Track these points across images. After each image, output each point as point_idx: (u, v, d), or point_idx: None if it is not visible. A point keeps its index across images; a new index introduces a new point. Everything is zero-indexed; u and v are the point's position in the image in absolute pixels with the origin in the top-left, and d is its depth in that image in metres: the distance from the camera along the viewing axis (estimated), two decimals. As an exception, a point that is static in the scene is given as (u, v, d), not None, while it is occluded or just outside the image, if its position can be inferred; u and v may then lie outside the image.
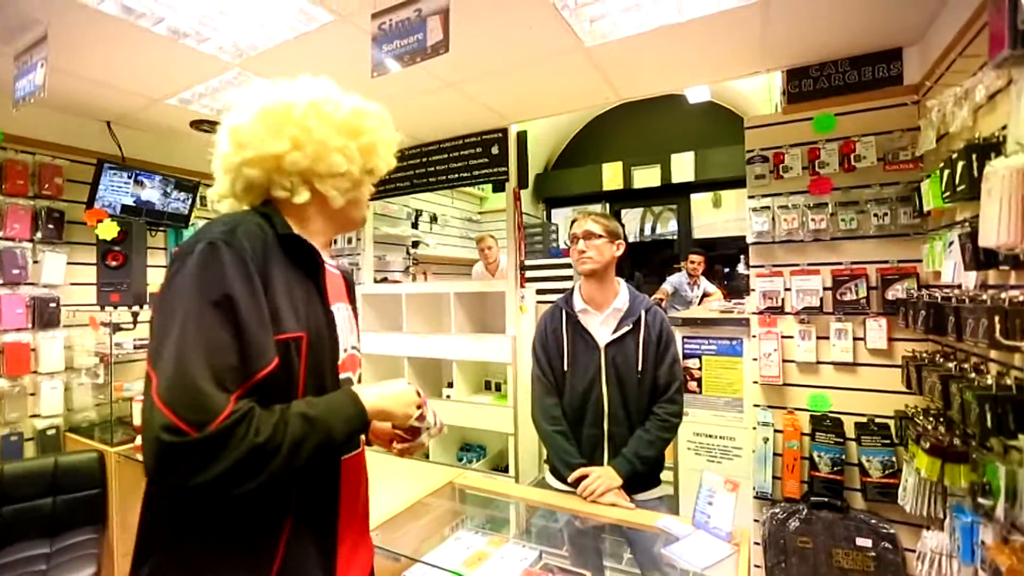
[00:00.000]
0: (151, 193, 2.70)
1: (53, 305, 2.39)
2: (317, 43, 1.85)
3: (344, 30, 1.76)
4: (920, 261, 1.84)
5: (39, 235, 2.37)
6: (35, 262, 2.36)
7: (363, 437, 0.96)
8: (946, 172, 1.38)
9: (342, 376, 0.88)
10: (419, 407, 0.90)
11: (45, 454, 2.25)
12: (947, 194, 1.39)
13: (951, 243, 1.49)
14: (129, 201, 2.61)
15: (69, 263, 2.46)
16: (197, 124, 2.67)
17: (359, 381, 0.99)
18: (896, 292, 1.85)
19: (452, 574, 1.25)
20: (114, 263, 2.39)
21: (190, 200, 2.86)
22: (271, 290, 0.75)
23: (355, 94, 0.92)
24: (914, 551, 1.61)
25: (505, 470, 2.89)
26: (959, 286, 1.43)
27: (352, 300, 1.03)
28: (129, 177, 2.60)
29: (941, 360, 1.53)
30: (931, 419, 1.54)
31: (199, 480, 0.64)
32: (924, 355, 1.66)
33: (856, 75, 1.97)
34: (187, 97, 2.35)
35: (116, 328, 2.41)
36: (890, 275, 1.89)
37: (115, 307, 2.40)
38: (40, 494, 2.02)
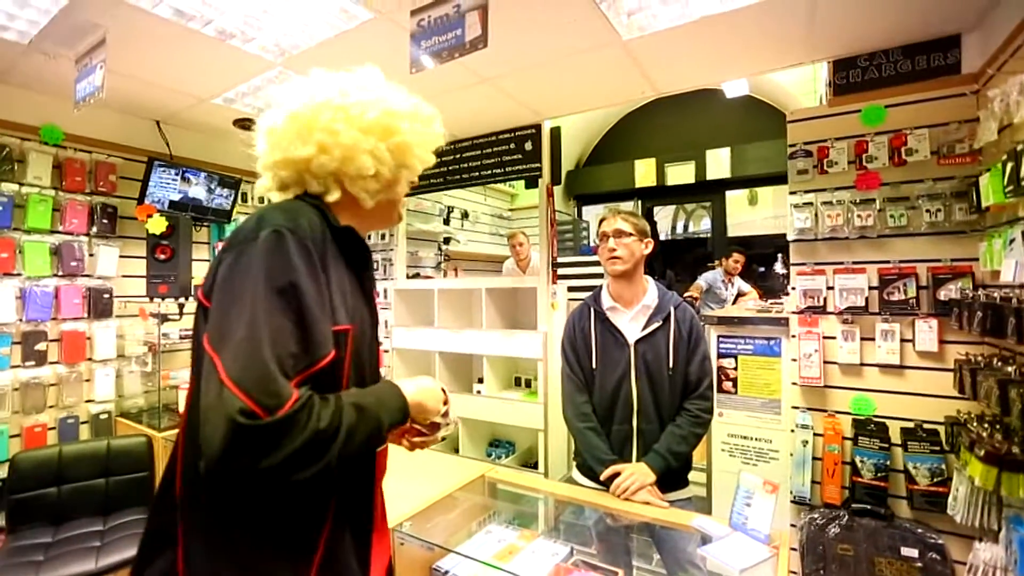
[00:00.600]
0: (197, 189, 2.81)
1: (106, 296, 2.52)
2: (357, 41, 1.89)
3: (383, 27, 1.79)
4: (976, 260, 1.75)
5: (94, 229, 2.50)
6: (91, 255, 2.49)
7: None
8: (1009, 165, 1.31)
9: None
10: (445, 403, 0.93)
11: (98, 437, 2.37)
12: (1009, 188, 1.32)
13: (1012, 240, 1.41)
14: (176, 197, 2.73)
15: (121, 256, 2.59)
16: (240, 122, 2.76)
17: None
18: (949, 292, 1.77)
19: (485, 565, 1.26)
20: (162, 256, 2.50)
21: (233, 196, 2.97)
22: (329, 281, 0.77)
23: (400, 86, 0.91)
24: (964, 563, 1.54)
25: (534, 466, 2.89)
26: (1021, 286, 1.35)
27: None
28: (177, 174, 2.71)
29: (999, 364, 1.45)
30: (987, 426, 1.46)
31: (266, 464, 0.64)
32: (980, 358, 1.58)
33: (909, 64, 1.88)
34: (231, 96, 2.44)
35: (164, 319, 2.52)
36: (942, 274, 1.80)
37: (163, 298, 2.51)
38: (95, 475, 2.13)
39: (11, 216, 2.22)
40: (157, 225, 2.46)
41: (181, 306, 2.62)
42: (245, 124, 2.78)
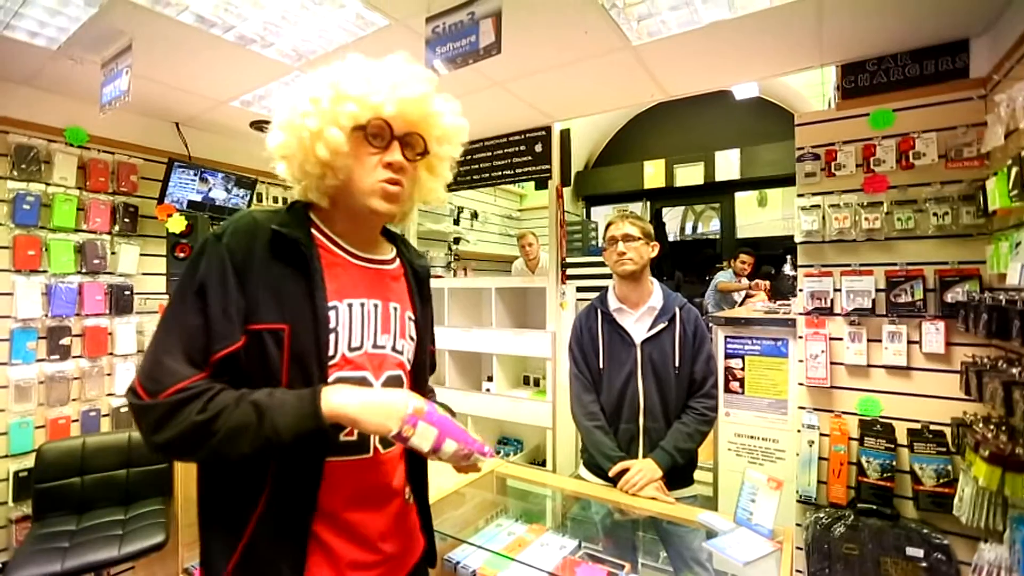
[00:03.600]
0: (215, 190, 2.87)
1: (127, 293, 2.59)
2: (372, 47, 1.93)
3: (398, 34, 1.83)
4: (983, 263, 1.76)
5: (116, 228, 2.57)
6: (112, 253, 2.56)
7: (375, 442, 0.91)
8: (1014, 170, 1.33)
9: (346, 374, 0.86)
10: (404, 422, 0.78)
11: (119, 429, 2.44)
12: (1015, 192, 1.34)
13: (1019, 244, 1.43)
14: (195, 197, 2.79)
15: (141, 254, 2.66)
16: (256, 124, 2.82)
17: (411, 382, 0.98)
18: (956, 295, 1.78)
19: (496, 555, 1.30)
20: (181, 255, 2.57)
21: (249, 196, 3.03)
22: (250, 283, 0.79)
23: (337, 63, 0.86)
24: (970, 564, 1.56)
25: (542, 464, 2.93)
26: (1026, 289, 1.37)
27: (412, 299, 1.00)
28: (195, 175, 2.78)
29: (1005, 366, 1.47)
30: (992, 427, 1.47)
31: (155, 440, 0.74)
32: (986, 360, 1.59)
33: (917, 68, 1.90)
34: (248, 99, 2.50)
35: (182, 315, 2.58)
36: (949, 277, 1.81)
37: (182, 296, 2.57)
38: (116, 466, 2.20)
39: (38, 215, 2.29)
40: (176, 224, 2.53)
41: (199, 303, 2.68)
42: (261, 126, 2.84)
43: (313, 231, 0.88)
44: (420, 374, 1.03)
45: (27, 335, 2.28)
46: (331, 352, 0.84)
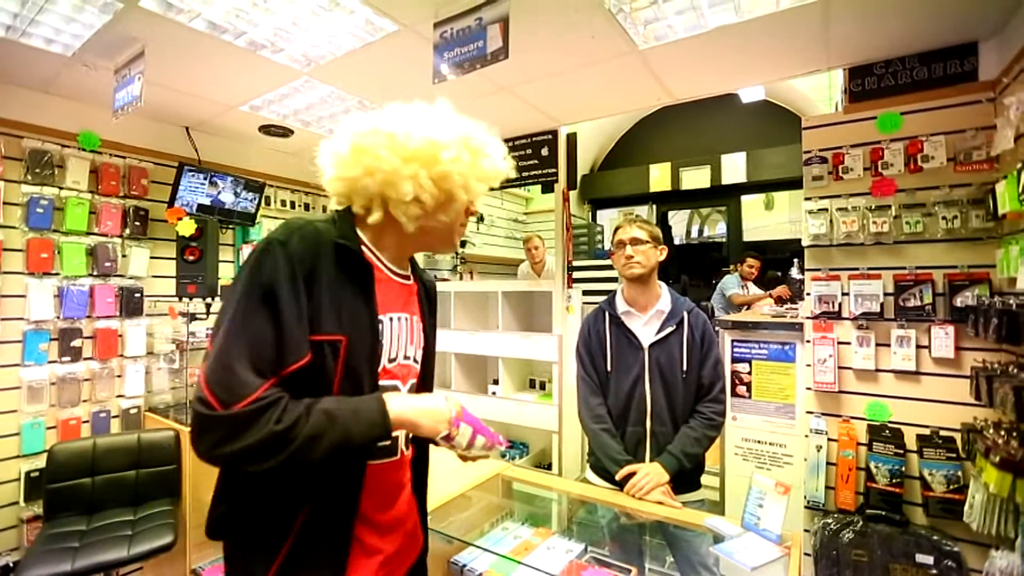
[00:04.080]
0: (224, 193, 2.90)
1: (137, 295, 2.62)
2: (381, 52, 1.96)
3: (407, 39, 1.85)
4: (993, 267, 1.74)
5: (127, 231, 2.61)
6: (123, 256, 2.60)
7: (401, 446, 0.98)
8: (1024, 173, 1.32)
9: (385, 383, 0.92)
10: (451, 424, 0.88)
11: (129, 431, 2.47)
12: (1024, 196, 1.33)
13: (1028, 248, 1.42)
14: (205, 201, 2.82)
15: (151, 257, 2.69)
16: (265, 128, 2.85)
17: (420, 389, 1.04)
18: (965, 299, 1.77)
19: (502, 558, 1.31)
20: (191, 258, 2.59)
21: (257, 200, 3.06)
22: (315, 293, 0.80)
23: (474, 121, 0.95)
24: (980, 571, 1.54)
25: (548, 467, 2.93)
26: (1036, 293, 1.36)
27: (426, 313, 1.06)
28: (205, 178, 2.81)
29: (1015, 371, 1.46)
30: (1003, 433, 1.46)
31: (220, 452, 0.72)
32: (996, 365, 1.58)
33: (925, 72, 1.89)
34: (257, 104, 2.52)
35: (192, 318, 2.61)
36: (959, 281, 1.80)
37: (191, 298, 2.60)
38: (126, 467, 2.22)
39: (51, 218, 2.32)
40: (186, 227, 2.55)
41: (208, 306, 2.71)
42: (271, 130, 2.87)
43: (361, 246, 0.91)
44: (428, 381, 1.10)
45: (39, 337, 2.31)
46: (380, 363, 0.90)
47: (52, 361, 2.35)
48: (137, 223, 2.63)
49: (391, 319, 0.93)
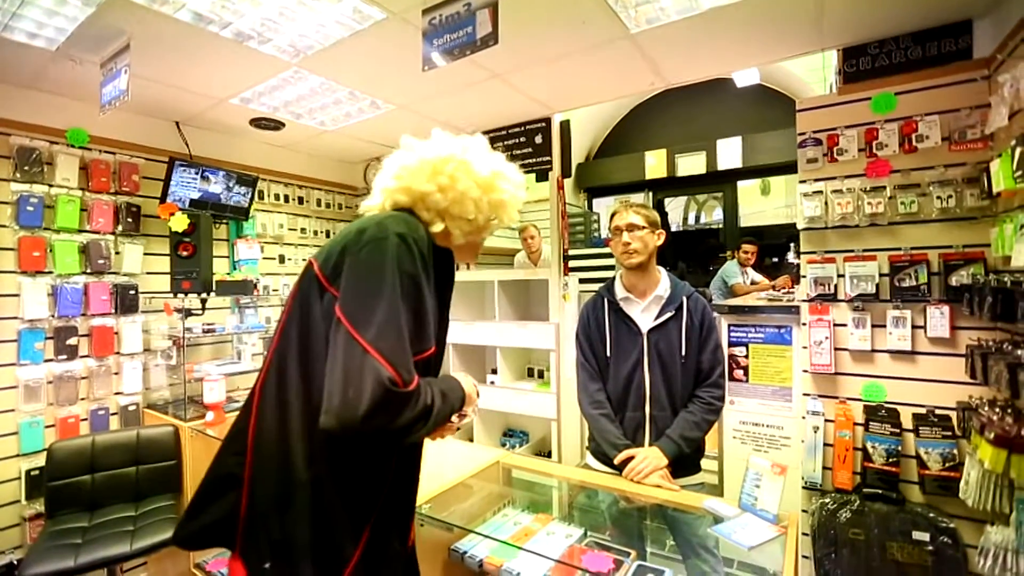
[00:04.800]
0: (216, 188, 2.88)
1: (132, 292, 2.61)
2: (370, 40, 1.93)
3: (396, 27, 1.83)
4: (988, 246, 1.75)
5: (120, 228, 2.59)
6: (117, 253, 2.58)
7: None
8: (1018, 150, 1.32)
9: None
10: (477, 391, 1.07)
11: (128, 427, 2.47)
12: (1019, 173, 1.33)
13: (1023, 226, 1.42)
14: (197, 195, 2.80)
15: (145, 253, 2.67)
16: (256, 121, 2.83)
17: None
18: (960, 278, 1.77)
19: (502, 544, 1.31)
20: (185, 253, 2.58)
21: (250, 194, 3.04)
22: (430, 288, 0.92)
23: (499, 154, 1.10)
24: (976, 547, 1.56)
25: (548, 455, 2.95)
26: (1031, 270, 1.36)
27: None
28: (196, 173, 2.78)
29: (1010, 348, 1.46)
30: (997, 409, 1.47)
31: (395, 425, 0.79)
32: (991, 343, 1.58)
33: (919, 51, 1.88)
34: (248, 96, 2.50)
35: (187, 313, 2.60)
36: (954, 260, 1.80)
37: (186, 294, 2.59)
38: (126, 463, 2.22)
39: (42, 216, 2.31)
40: (179, 223, 2.54)
41: (204, 301, 2.70)
42: (262, 123, 2.85)
43: None
44: None
45: (34, 336, 2.30)
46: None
47: (48, 360, 2.35)
48: (129, 219, 2.61)
49: None
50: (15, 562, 2.19)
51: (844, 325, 1.98)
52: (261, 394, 0.91)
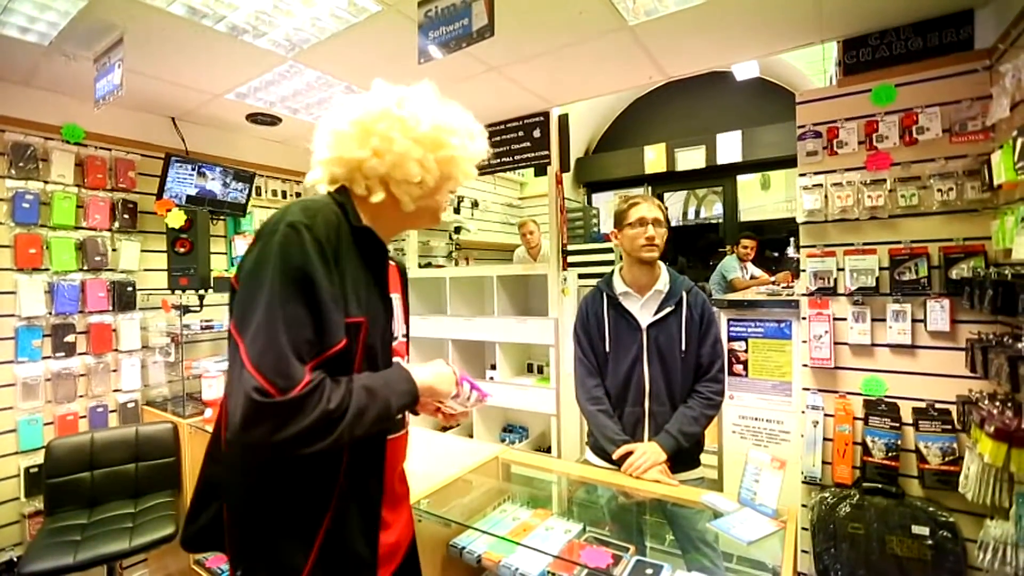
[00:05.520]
0: (213, 184, 2.87)
1: (130, 289, 2.60)
2: (366, 33, 1.91)
3: (391, 19, 1.81)
4: (988, 239, 1.74)
5: (116, 225, 2.58)
6: (114, 250, 2.57)
7: (406, 420, 1.04)
8: (1019, 142, 1.30)
9: (394, 360, 0.96)
10: (458, 384, 0.99)
11: (127, 424, 2.47)
12: (1021, 165, 1.31)
13: (1024, 218, 1.40)
14: (193, 192, 2.79)
15: (142, 250, 2.66)
16: (252, 116, 2.81)
17: None
18: (961, 271, 1.76)
19: (501, 540, 1.31)
20: (182, 250, 2.57)
21: (247, 190, 3.02)
22: (340, 276, 0.81)
23: (452, 102, 0.98)
24: (975, 541, 1.56)
25: (548, 451, 2.94)
26: (1032, 263, 1.35)
27: (404, 292, 1.10)
28: (193, 169, 2.77)
29: (1011, 342, 1.45)
30: (998, 403, 1.47)
31: (278, 438, 0.71)
32: (991, 337, 1.58)
33: (920, 42, 1.86)
34: (243, 91, 2.48)
35: (185, 310, 2.59)
36: (954, 254, 1.79)
37: (184, 291, 2.58)
38: (125, 460, 2.23)
39: (38, 213, 2.29)
40: (176, 219, 2.52)
41: (201, 298, 2.69)
42: (258, 118, 2.83)
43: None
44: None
45: (32, 333, 2.29)
46: (392, 342, 0.95)
47: (46, 357, 2.34)
48: (126, 216, 2.60)
49: (392, 297, 0.97)
50: (15, 559, 2.19)
51: (844, 319, 1.97)
52: (224, 399, 0.88)
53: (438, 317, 3.24)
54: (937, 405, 1.80)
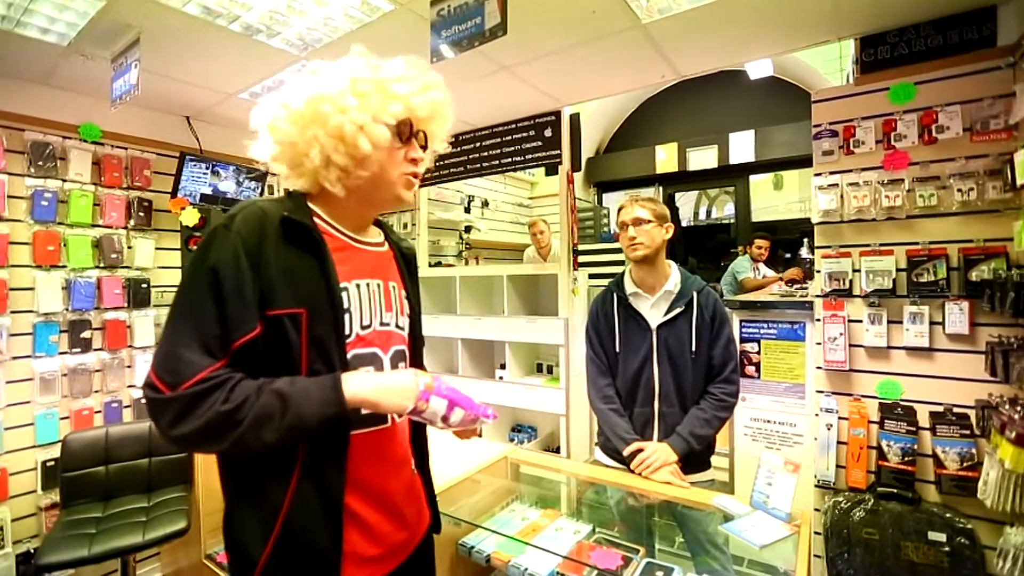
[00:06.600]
0: (226, 183, 2.89)
1: (144, 286, 2.63)
2: (378, 33, 1.92)
3: (404, 18, 1.81)
4: (1010, 240, 1.70)
5: (132, 223, 2.61)
6: (129, 247, 2.60)
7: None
8: (1044, 140, 1.27)
9: (361, 351, 0.90)
10: (418, 399, 0.84)
11: (141, 420, 2.50)
12: (1044, 164, 1.28)
13: (1048, 218, 1.37)
14: (207, 190, 2.82)
15: (156, 248, 2.69)
16: (266, 116, 2.83)
17: (398, 359, 0.99)
18: (981, 273, 1.72)
19: (510, 539, 1.31)
20: (195, 247, 2.59)
21: (260, 189, 3.05)
22: (264, 269, 0.80)
23: (329, 71, 0.88)
24: (994, 548, 1.52)
25: (556, 451, 2.93)
26: (1056, 265, 1.32)
27: (405, 278, 1.05)
28: (207, 168, 2.80)
29: (1032, 345, 1.42)
30: (1019, 408, 1.43)
31: (175, 433, 0.73)
32: (1013, 340, 1.54)
33: (940, 39, 1.82)
34: (257, 91, 2.50)
35: (198, 307, 2.62)
36: (974, 255, 1.75)
37: (197, 288, 2.60)
38: (138, 455, 2.25)
39: (56, 211, 2.33)
40: (190, 217, 2.55)
41: (214, 296, 2.71)
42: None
43: (315, 218, 0.90)
44: (418, 347, 1.07)
45: (49, 329, 2.33)
46: (347, 332, 0.88)
47: (63, 352, 2.38)
48: (141, 214, 2.63)
49: (357, 285, 0.92)
50: (32, 551, 2.23)
51: (859, 321, 1.94)
52: None
53: (448, 316, 3.24)
54: (955, 409, 1.77)
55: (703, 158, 5.17)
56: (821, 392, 2.02)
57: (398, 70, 0.89)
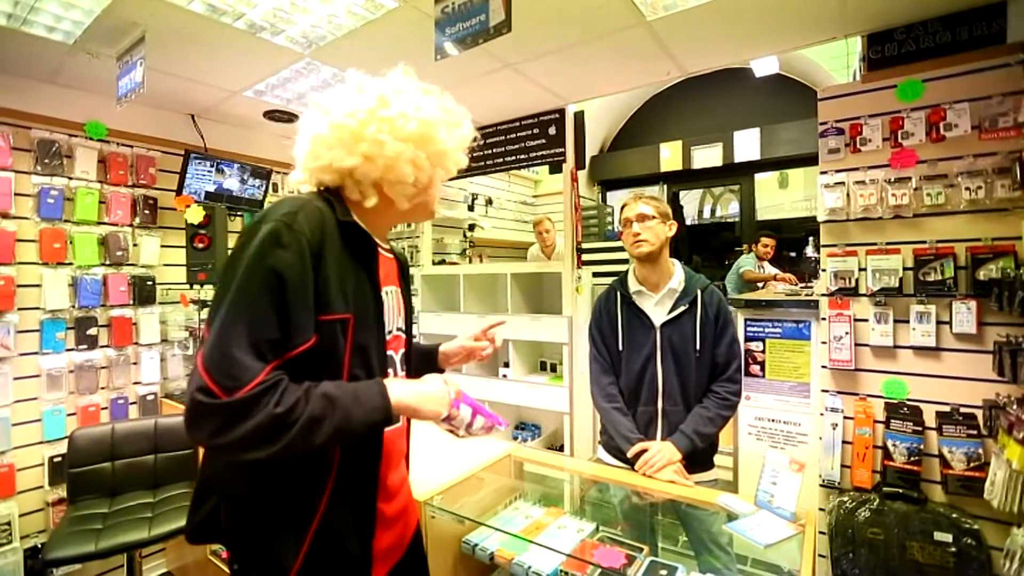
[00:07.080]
0: (231, 180, 2.90)
1: (150, 283, 2.64)
2: (382, 30, 1.92)
3: (408, 16, 1.81)
4: (1019, 238, 1.68)
5: (137, 220, 2.62)
6: (134, 245, 2.62)
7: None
8: (1054, 138, 1.26)
9: (387, 355, 0.94)
10: (451, 406, 0.89)
11: (146, 416, 2.51)
12: (1054, 162, 1.27)
13: (1057, 217, 1.36)
14: (212, 188, 2.83)
15: (162, 246, 2.70)
16: (270, 114, 2.83)
17: (403, 361, 1.04)
18: (989, 272, 1.71)
19: (514, 537, 1.31)
20: (200, 245, 2.61)
21: (264, 186, 3.05)
22: (323, 273, 0.79)
23: (430, 86, 0.95)
24: (1001, 549, 1.51)
25: (560, 449, 2.93)
26: (1065, 264, 1.31)
27: (404, 284, 1.08)
28: (212, 166, 2.80)
29: (1041, 345, 1.41)
30: (1026, 408, 1.42)
31: (219, 441, 0.70)
32: (1021, 340, 1.53)
33: (949, 36, 1.80)
34: (261, 88, 2.50)
35: (203, 305, 2.63)
36: (982, 254, 1.74)
37: (202, 285, 2.62)
38: (145, 451, 2.27)
39: (62, 208, 2.34)
40: (195, 215, 2.56)
41: (219, 293, 2.72)
42: (275, 116, 2.85)
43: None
44: (411, 348, 1.12)
45: (56, 326, 2.34)
46: (386, 337, 0.92)
47: (69, 349, 2.40)
48: (146, 212, 2.64)
49: (387, 293, 0.96)
50: (40, 546, 2.25)
51: (865, 320, 1.93)
52: None
53: (451, 314, 3.25)
54: (962, 409, 1.75)
55: (708, 156, 5.14)
56: (826, 391, 2.01)
57: (467, 113, 0.99)
